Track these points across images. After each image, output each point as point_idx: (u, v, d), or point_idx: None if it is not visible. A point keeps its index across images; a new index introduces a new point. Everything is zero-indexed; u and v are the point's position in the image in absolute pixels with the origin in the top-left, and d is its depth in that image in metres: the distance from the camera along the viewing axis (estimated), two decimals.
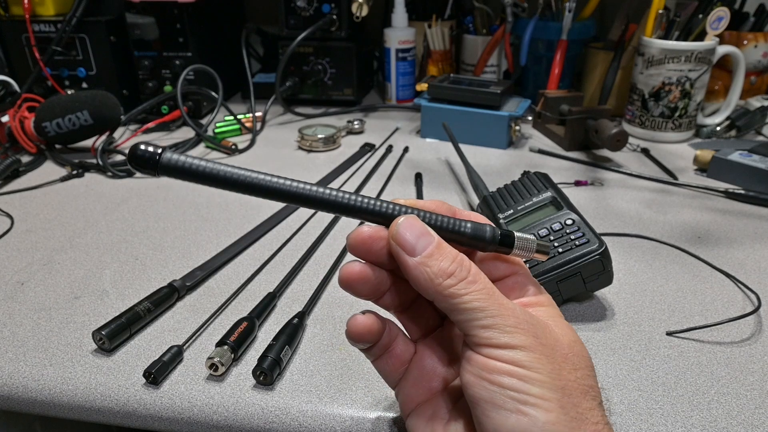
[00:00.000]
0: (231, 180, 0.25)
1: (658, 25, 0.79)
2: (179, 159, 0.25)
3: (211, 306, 0.47)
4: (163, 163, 0.25)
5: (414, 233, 0.26)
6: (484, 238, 0.28)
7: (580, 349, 0.27)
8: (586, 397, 0.25)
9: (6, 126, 0.77)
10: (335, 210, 0.27)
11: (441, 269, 0.26)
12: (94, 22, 0.87)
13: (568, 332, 0.28)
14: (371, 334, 0.30)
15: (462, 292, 0.25)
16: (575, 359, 0.26)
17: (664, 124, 0.82)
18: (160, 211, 0.63)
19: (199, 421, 0.37)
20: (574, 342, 0.27)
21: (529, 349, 0.25)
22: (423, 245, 0.26)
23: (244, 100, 1.04)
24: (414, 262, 0.26)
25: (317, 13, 0.93)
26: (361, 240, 0.28)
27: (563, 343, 0.26)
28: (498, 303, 0.26)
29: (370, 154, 0.80)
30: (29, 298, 0.48)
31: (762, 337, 0.43)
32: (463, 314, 0.26)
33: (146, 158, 0.25)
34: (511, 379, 0.24)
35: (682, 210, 0.63)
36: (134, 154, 0.25)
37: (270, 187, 0.26)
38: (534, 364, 0.25)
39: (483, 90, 0.80)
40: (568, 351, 0.26)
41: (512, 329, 0.25)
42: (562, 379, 0.25)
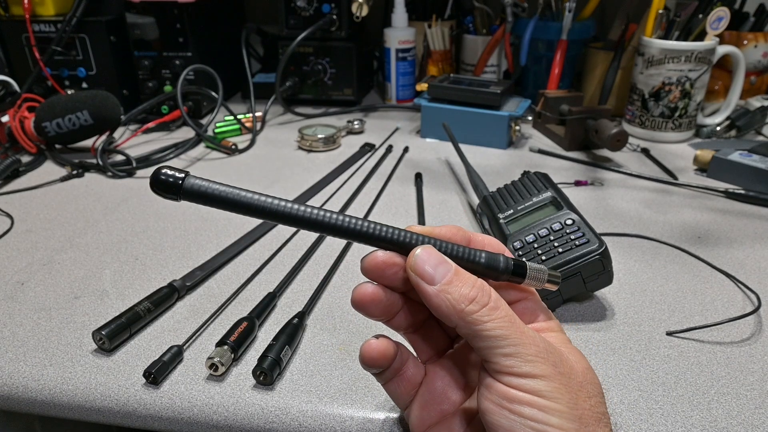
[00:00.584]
0: (253, 206, 0.26)
1: (658, 25, 0.79)
2: (202, 184, 0.25)
3: (211, 306, 0.47)
4: (186, 189, 0.25)
5: (432, 263, 0.27)
6: (498, 269, 0.28)
7: (593, 376, 0.27)
8: (600, 424, 0.26)
9: (6, 126, 0.77)
10: (353, 237, 0.27)
11: (462, 295, 0.26)
12: (94, 22, 0.87)
13: (581, 359, 0.28)
14: (385, 358, 0.30)
15: (485, 318, 0.26)
16: (589, 387, 0.27)
17: (664, 124, 0.82)
18: (160, 211, 0.63)
19: (199, 421, 0.37)
20: (587, 369, 0.28)
21: (549, 379, 0.25)
22: (442, 273, 0.27)
23: (244, 100, 1.04)
24: (434, 290, 0.26)
25: (317, 13, 0.93)
26: (374, 265, 0.28)
27: (578, 371, 0.27)
28: (519, 331, 0.26)
29: (370, 154, 0.80)
30: (29, 298, 0.48)
31: (762, 337, 0.43)
32: (485, 341, 0.26)
33: (169, 183, 0.25)
34: (532, 410, 0.25)
35: (682, 210, 0.63)
36: (157, 178, 0.25)
37: (291, 214, 0.26)
38: (554, 394, 0.25)
39: (483, 90, 0.80)
40: (583, 379, 0.27)
41: (533, 358, 0.25)
42: (578, 408, 0.25)
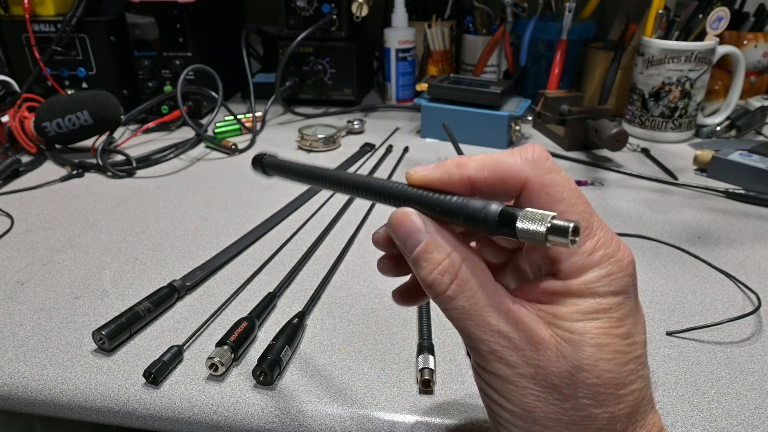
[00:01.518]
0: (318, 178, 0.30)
1: (658, 25, 0.79)
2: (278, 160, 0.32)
3: (211, 306, 0.47)
4: (266, 163, 0.32)
5: (403, 232, 0.24)
6: (478, 223, 0.22)
7: (585, 375, 0.22)
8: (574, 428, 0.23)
9: (6, 126, 0.77)
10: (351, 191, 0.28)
11: (422, 278, 0.24)
12: (94, 22, 0.87)
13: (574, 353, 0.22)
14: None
15: (442, 306, 0.24)
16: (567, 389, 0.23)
17: (664, 124, 0.82)
18: (160, 211, 0.63)
19: (199, 421, 0.37)
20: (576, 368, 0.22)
21: (504, 380, 0.24)
22: (410, 247, 0.24)
23: (244, 100, 1.04)
24: (410, 261, 0.25)
25: (317, 13, 0.93)
26: (376, 241, 0.28)
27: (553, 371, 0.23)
28: (477, 324, 0.23)
29: (370, 154, 0.80)
30: (29, 298, 0.48)
31: (762, 337, 0.43)
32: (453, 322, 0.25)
33: (255, 161, 0.33)
34: (487, 399, 0.25)
35: (682, 210, 0.63)
36: (254, 161, 0.33)
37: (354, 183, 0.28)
38: (507, 394, 0.24)
39: (483, 90, 0.80)
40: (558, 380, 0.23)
41: (488, 355, 0.24)
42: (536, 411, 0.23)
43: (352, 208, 0.64)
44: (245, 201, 0.65)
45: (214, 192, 0.68)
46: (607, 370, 0.22)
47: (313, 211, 0.63)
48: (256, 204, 0.64)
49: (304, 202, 0.65)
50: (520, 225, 0.21)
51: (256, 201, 0.65)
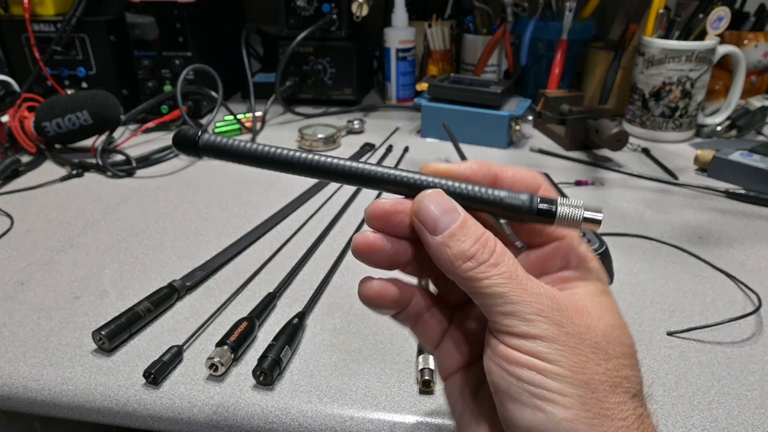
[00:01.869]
0: (261, 157, 0.26)
1: (658, 25, 0.79)
2: (216, 139, 0.27)
3: (211, 306, 0.47)
4: (202, 145, 0.26)
5: (437, 210, 0.25)
6: (520, 209, 0.25)
7: (619, 334, 0.25)
8: (617, 390, 0.24)
9: (6, 126, 0.77)
10: (362, 182, 0.26)
11: (461, 251, 0.24)
12: (94, 22, 0.87)
13: (606, 315, 0.25)
14: (384, 300, 0.27)
15: (482, 275, 0.24)
16: (609, 347, 0.24)
17: (664, 124, 0.82)
18: (160, 211, 0.63)
19: (199, 421, 0.37)
20: (612, 327, 0.25)
21: (551, 340, 0.23)
22: (445, 224, 0.25)
23: (244, 100, 1.04)
24: (436, 242, 0.25)
25: (317, 12, 0.93)
26: (378, 214, 0.26)
27: (596, 330, 0.24)
28: (521, 288, 0.24)
29: (370, 154, 0.80)
30: (29, 298, 0.48)
31: (762, 337, 0.43)
32: (483, 299, 0.24)
33: (186, 140, 0.27)
34: (530, 372, 0.23)
35: (683, 210, 0.63)
36: (176, 135, 0.27)
37: (292, 161, 0.26)
38: (555, 356, 0.23)
39: (483, 90, 0.80)
40: (601, 338, 0.24)
41: (534, 317, 0.23)
42: (587, 372, 0.23)
43: (352, 208, 0.64)
44: (245, 201, 0.65)
45: (214, 192, 0.68)
46: (629, 335, 0.26)
47: (313, 211, 0.63)
48: (256, 204, 0.64)
49: (304, 201, 0.65)
50: (561, 209, 0.25)
51: (256, 201, 0.65)
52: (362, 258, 0.26)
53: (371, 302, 0.27)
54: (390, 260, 0.27)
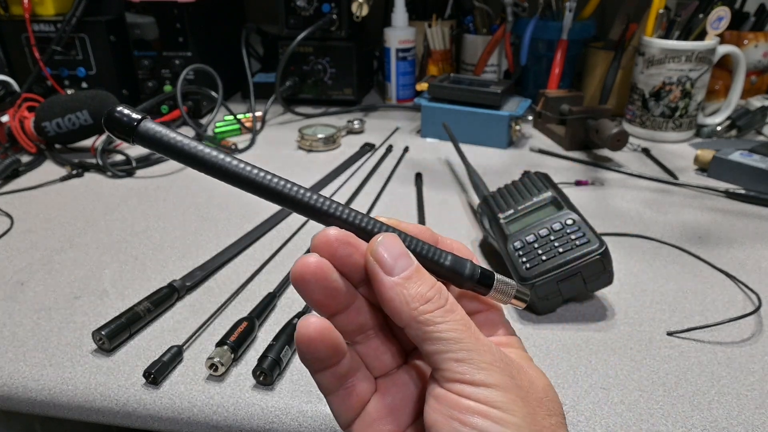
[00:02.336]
0: (201, 160, 0.24)
1: (658, 25, 0.79)
2: (157, 130, 0.23)
3: (211, 306, 0.47)
4: (141, 132, 0.23)
5: (394, 252, 0.24)
6: (463, 274, 0.26)
7: (554, 395, 0.26)
8: None
9: (6, 126, 0.77)
10: (311, 214, 0.25)
11: (419, 293, 0.24)
12: (94, 22, 0.87)
13: (542, 377, 0.26)
14: (324, 343, 0.25)
15: (438, 320, 0.24)
16: (550, 404, 0.25)
17: (664, 124, 0.82)
18: (160, 211, 0.63)
19: (199, 421, 0.37)
20: (548, 386, 0.26)
21: (504, 389, 0.23)
22: (402, 266, 0.24)
23: (244, 100, 1.04)
24: (391, 281, 0.24)
25: (317, 12, 0.93)
26: (326, 241, 0.25)
27: (538, 387, 0.25)
28: (474, 337, 0.24)
29: (370, 154, 0.80)
30: (29, 298, 0.48)
31: (762, 337, 0.43)
32: (436, 344, 0.24)
33: (123, 123, 0.23)
34: (485, 421, 0.22)
35: (683, 210, 0.63)
36: (111, 116, 0.23)
37: (241, 175, 0.24)
38: (509, 405, 0.23)
39: (483, 90, 0.80)
40: (543, 395, 0.25)
41: (488, 366, 0.23)
42: (536, 424, 0.23)
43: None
44: (245, 201, 0.65)
45: (214, 192, 0.68)
46: (560, 401, 0.26)
47: None
48: (256, 204, 0.64)
49: None
50: (497, 283, 0.27)
51: (256, 201, 0.65)
52: (303, 283, 0.25)
53: (310, 344, 0.25)
54: (329, 294, 0.25)
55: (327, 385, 0.27)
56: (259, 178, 0.24)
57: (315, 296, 0.25)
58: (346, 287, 0.26)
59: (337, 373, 0.26)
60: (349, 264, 0.25)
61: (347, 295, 0.26)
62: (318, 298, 0.25)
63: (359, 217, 0.26)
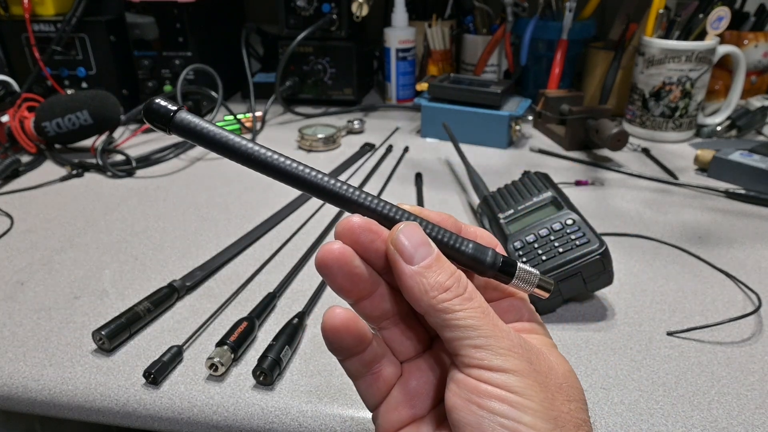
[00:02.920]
0: (233, 149, 0.25)
1: (658, 25, 0.79)
2: (193, 120, 0.25)
3: (211, 306, 0.47)
4: (176, 122, 0.25)
5: (414, 241, 0.25)
6: (484, 262, 0.26)
7: (575, 381, 0.26)
8: (579, 430, 0.24)
9: (6, 126, 0.77)
10: (335, 201, 0.26)
11: (438, 282, 0.25)
12: (94, 22, 0.87)
13: (563, 362, 0.26)
14: (350, 333, 0.26)
15: (457, 308, 0.24)
16: (569, 390, 0.25)
17: (664, 124, 0.82)
18: (160, 211, 0.63)
19: (199, 421, 0.37)
20: (569, 372, 0.26)
21: (522, 375, 0.24)
22: (422, 255, 0.25)
23: (244, 100, 1.04)
24: (411, 270, 0.25)
25: (317, 12, 0.93)
26: (349, 228, 0.25)
27: (558, 372, 0.25)
28: (492, 323, 0.25)
29: (370, 154, 0.80)
30: (29, 298, 0.48)
31: (762, 337, 0.43)
32: (455, 331, 0.24)
33: (161, 113, 0.25)
34: (502, 405, 0.23)
35: (683, 210, 0.63)
36: (149, 107, 0.25)
37: (273, 165, 0.25)
38: (527, 390, 0.23)
39: (483, 90, 0.80)
40: (563, 381, 0.25)
41: (506, 352, 0.24)
42: (555, 409, 0.24)
43: None
44: (245, 201, 0.65)
45: (214, 192, 0.68)
46: (581, 387, 0.26)
47: (313, 211, 0.63)
48: (256, 204, 0.64)
49: (304, 201, 0.65)
50: (520, 271, 0.26)
51: (256, 201, 0.65)
52: (326, 269, 0.25)
53: (336, 333, 0.26)
54: (352, 281, 0.26)
55: (354, 371, 0.28)
56: (286, 165, 0.25)
57: (338, 282, 0.26)
58: (370, 274, 0.26)
59: (363, 360, 0.27)
60: (372, 251, 0.26)
61: (371, 281, 0.27)
62: (341, 283, 0.26)
63: (382, 204, 0.26)
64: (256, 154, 0.25)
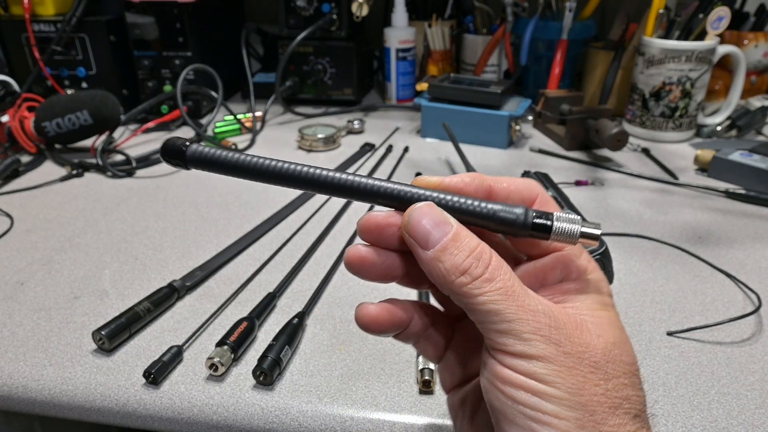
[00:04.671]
0: (250, 169, 0.26)
1: (658, 25, 0.79)
2: (204, 150, 0.26)
3: (211, 306, 0.47)
4: (189, 155, 0.26)
5: (428, 224, 0.24)
6: (514, 223, 0.24)
7: (620, 352, 0.24)
8: (617, 411, 0.23)
9: (6, 126, 0.77)
10: (351, 194, 0.26)
11: (454, 265, 0.23)
12: (94, 22, 0.87)
13: (607, 332, 0.24)
14: (380, 325, 0.26)
15: (476, 291, 0.23)
16: (609, 366, 0.23)
17: (664, 124, 0.82)
18: (160, 211, 0.63)
19: (199, 421, 0.37)
20: (612, 344, 0.24)
21: (548, 360, 0.22)
22: (437, 237, 0.24)
23: (244, 100, 1.04)
24: (427, 256, 0.24)
25: (317, 12, 0.93)
26: (370, 227, 0.25)
27: (596, 349, 0.23)
28: (517, 304, 0.23)
29: (370, 154, 0.80)
30: (29, 298, 0.48)
31: (762, 337, 0.43)
32: (477, 315, 0.23)
33: (175, 151, 0.26)
34: (525, 394, 0.22)
35: (683, 210, 0.63)
36: (164, 147, 0.27)
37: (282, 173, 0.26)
38: (552, 377, 0.22)
39: (483, 90, 0.80)
40: (601, 357, 0.23)
41: (531, 335, 0.22)
42: (584, 394, 0.22)
43: (352, 208, 0.64)
44: (245, 201, 0.65)
45: (214, 192, 0.68)
46: (631, 352, 0.24)
47: (313, 211, 0.63)
48: (256, 204, 0.64)
49: (304, 202, 0.65)
50: (557, 224, 0.24)
51: (256, 201, 0.65)
52: (354, 272, 0.26)
53: (369, 328, 0.26)
54: (383, 274, 0.26)
55: (405, 341, 0.29)
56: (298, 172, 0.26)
57: (371, 277, 0.26)
58: (400, 258, 0.26)
59: (409, 334, 0.28)
60: (396, 240, 0.26)
61: (402, 264, 0.27)
62: (374, 278, 0.26)
63: (396, 188, 0.25)
64: (273, 168, 0.26)
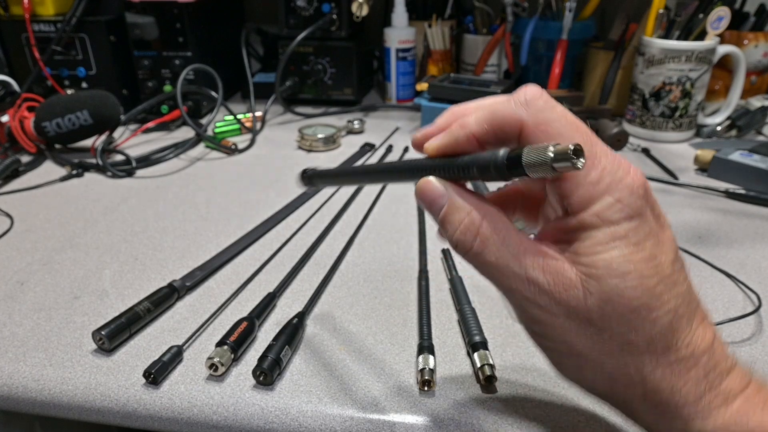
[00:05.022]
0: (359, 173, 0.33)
1: (658, 25, 0.79)
2: (317, 170, 0.35)
3: (211, 306, 0.46)
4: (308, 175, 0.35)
5: (427, 199, 0.26)
6: (487, 171, 0.23)
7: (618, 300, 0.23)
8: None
9: (6, 126, 0.77)
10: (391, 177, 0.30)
11: (449, 237, 0.26)
12: (94, 22, 0.87)
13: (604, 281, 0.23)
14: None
15: (474, 263, 0.25)
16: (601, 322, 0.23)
17: (664, 124, 0.82)
18: (160, 211, 0.63)
19: (199, 421, 0.37)
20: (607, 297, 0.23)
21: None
22: (435, 212, 0.26)
23: (244, 100, 1.04)
24: (439, 225, 0.26)
25: (317, 12, 0.93)
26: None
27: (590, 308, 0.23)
28: (505, 275, 0.25)
29: (370, 153, 0.80)
30: (29, 298, 0.48)
31: (762, 337, 0.43)
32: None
33: (303, 178, 0.35)
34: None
35: (683, 210, 0.63)
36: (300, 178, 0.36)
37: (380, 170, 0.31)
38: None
39: (483, 90, 0.80)
40: (595, 315, 0.23)
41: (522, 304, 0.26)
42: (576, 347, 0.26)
43: (352, 208, 0.64)
44: (245, 201, 0.65)
45: (214, 192, 0.68)
46: (635, 297, 0.23)
47: (313, 211, 0.63)
48: (256, 204, 0.64)
49: (304, 201, 0.65)
50: (526, 160, 0.22)
51: (256, 201, 0.65)
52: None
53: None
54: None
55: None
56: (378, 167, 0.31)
57: None
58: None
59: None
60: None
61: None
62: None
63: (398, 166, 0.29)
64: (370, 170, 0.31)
